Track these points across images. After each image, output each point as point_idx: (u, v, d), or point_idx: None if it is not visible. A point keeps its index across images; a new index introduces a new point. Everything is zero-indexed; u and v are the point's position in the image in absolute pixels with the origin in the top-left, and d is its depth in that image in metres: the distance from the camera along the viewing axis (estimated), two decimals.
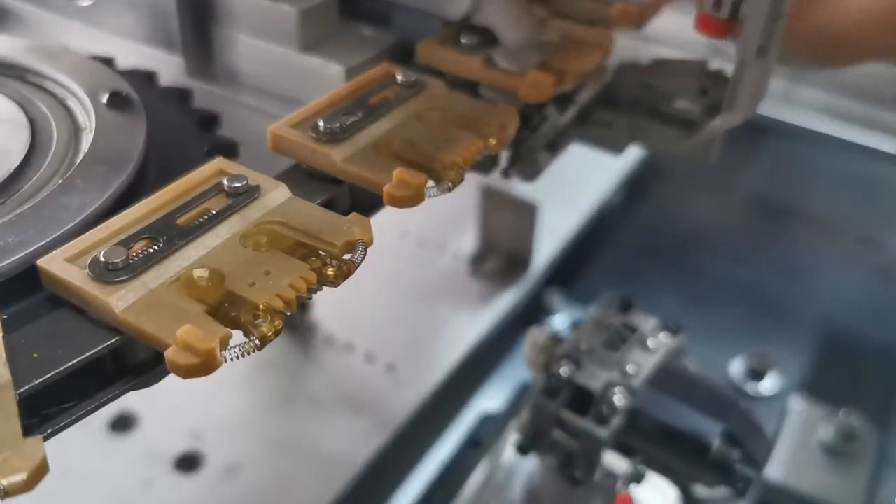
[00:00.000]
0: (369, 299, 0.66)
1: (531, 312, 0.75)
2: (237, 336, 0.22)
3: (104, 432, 0.54)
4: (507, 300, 0.70)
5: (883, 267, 0.90)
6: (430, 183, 0.28)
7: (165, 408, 0.56)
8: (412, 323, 0.66)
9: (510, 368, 0.71)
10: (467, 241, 0.73)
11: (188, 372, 0.21)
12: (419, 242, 0.73)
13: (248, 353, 0.22)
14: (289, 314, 0.23)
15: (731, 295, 0.87)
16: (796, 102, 0.98)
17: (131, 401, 0.55)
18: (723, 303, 0.86)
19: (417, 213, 0.29)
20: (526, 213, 0.69)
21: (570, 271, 0.82)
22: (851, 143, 0.94)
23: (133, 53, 0.37)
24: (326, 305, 0.66)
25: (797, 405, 0.71)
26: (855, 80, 0.96)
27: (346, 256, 0.24)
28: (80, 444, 0.53)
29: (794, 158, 1.00)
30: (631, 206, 0.93)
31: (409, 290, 0.68)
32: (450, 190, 0.28)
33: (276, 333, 0.22)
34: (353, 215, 0.26)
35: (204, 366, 0.20)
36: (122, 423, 0.55)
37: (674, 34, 0.60)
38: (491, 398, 0.67)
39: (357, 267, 0.24)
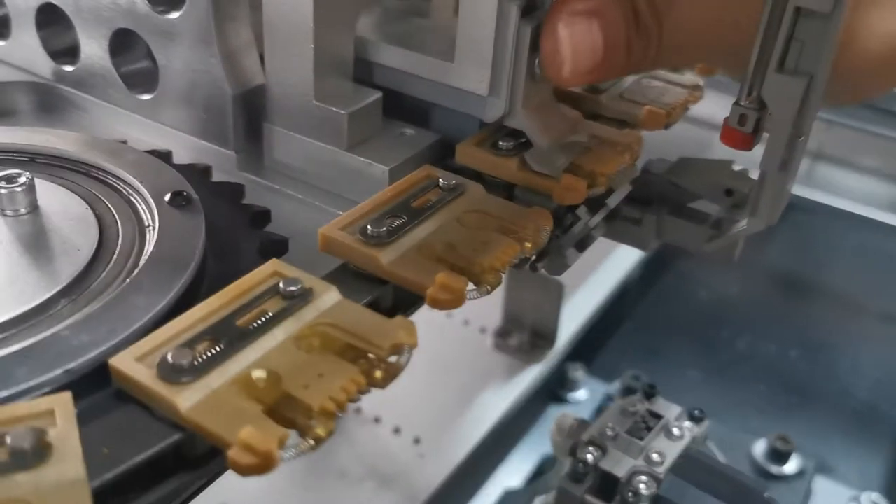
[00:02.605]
0: None
1: (554, 387, 0.76)
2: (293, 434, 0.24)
3: None
4: (531, 375, 0.71)
5: None
6: (471, 286, 0.29)
7: None
8: (439, 397, 0.68)
9: (532, 443, 0.72)
10: (494, 315, 0.74)
11: (249, 471, 0.22)
12: (448, 316, 0.74)
13: (303, 453, 0.23)
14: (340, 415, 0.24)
15: (754, 372, 0.88)
16: (818, 181, 0.99)
17: None
18: (745, 380, 0.86)
19: None
20: (552, 290, 0.71)
21: (592, 346, 0.83)
22: (873, 220, 0.96)
23: (188, 146, 0.40)
24: None
25: (822, 487, 0.72)
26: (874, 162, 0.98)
27: (392, 359, 0.26)
28: None
29: (816, 234, 1.01)
30: (652, 281, 0.94)
31: (436, 365, 0.70)
32: (489, 293, 0.30)
33: (330, 434, 0.24)
34: (399, 318, 0.27)
35: (263, 466, 0.22)
36: None
37: None
38: (513, 473, 0.68)
39: (403, 370, 0.26)
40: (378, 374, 0.25)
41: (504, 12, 0.34)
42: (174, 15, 0.37)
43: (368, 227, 0.30)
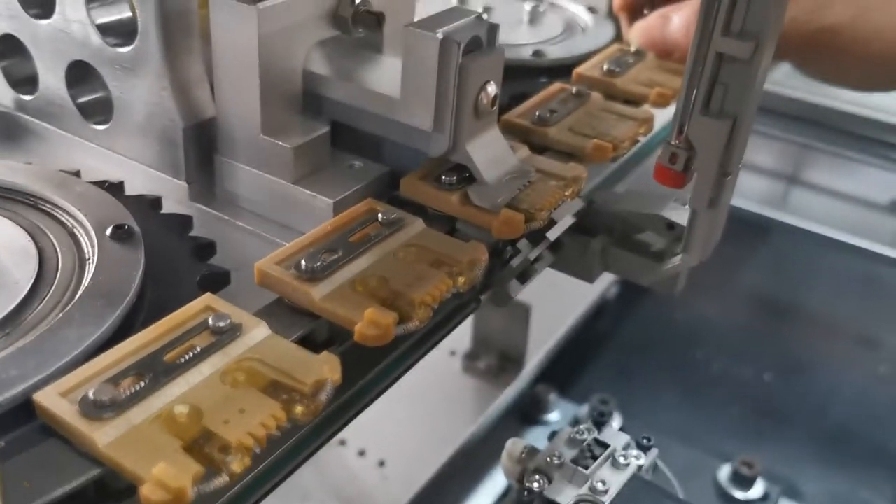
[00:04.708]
0: None
1: (525, 410, 0.77)
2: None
3: None
4: (500, 398, 0.72)
5: (881, 368, 0.91)
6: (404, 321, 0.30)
7: None
8: (406, 420, 0.68)
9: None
10: (464, 338, 0.75)
11: None
12: None
13: (219, 488, 0.24)
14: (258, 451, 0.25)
15: (728, 395, 0.88)
16: (794, 206, 1.00)
17: None
18: (719, 403, 0.87)
19: None
20: (519, 313, 0.72)
21: (566, 368, 0.83)
22: (848, 244, 0.97)
23: (142, 176, 0.40)
24: None
25: None
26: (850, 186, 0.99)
27: (320, 395, 0.27)
28: None
29: (793, 258, 1.02)
30: (630, 303, 0.95)
31: (404, 387, 0.70)
32: (418, 328, 0.30)
33: (246, 470, 0.24)
34: (325, 354, 0.28)
35: (175, 502, 0.23)
36: None
37: None
38: (483, 496, 0.68)
39: (325, 406, 0.26)
40: (299, 409, 0.26)
41: (446, 50, 0.35)
42: (126, 49, 0.38)
43: (303, 262, 0.31)
